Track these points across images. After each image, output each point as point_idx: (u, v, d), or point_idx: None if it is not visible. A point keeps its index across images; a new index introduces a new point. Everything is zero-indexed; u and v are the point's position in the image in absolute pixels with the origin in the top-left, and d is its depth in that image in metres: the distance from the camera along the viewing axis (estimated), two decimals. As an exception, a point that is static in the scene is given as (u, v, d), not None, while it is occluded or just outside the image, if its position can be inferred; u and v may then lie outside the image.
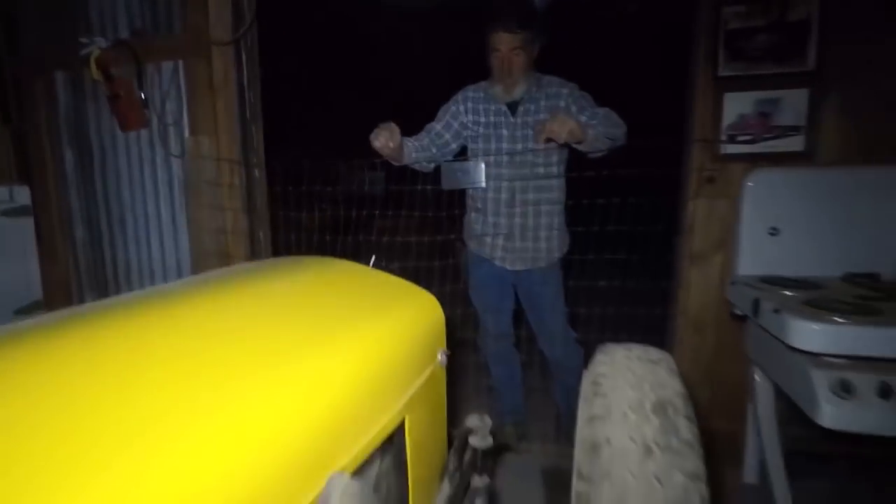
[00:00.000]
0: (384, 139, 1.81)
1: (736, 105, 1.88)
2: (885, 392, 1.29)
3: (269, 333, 0.74)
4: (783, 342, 1.41)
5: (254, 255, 2.44)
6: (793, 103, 1.84)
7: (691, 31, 1.99)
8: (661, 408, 0.86)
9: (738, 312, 1.81)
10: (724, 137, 1.90)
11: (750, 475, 1.99)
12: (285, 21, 2.32)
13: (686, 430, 0.84)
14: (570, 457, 0.90)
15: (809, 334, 1.34)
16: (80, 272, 2.51)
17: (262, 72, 2.38)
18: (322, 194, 2.26)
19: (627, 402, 0.87)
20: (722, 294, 1.96)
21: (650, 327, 2.11)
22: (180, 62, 2.24)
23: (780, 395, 1.72)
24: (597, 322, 2.18)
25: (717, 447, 1.96)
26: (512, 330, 2.28)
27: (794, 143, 1.86)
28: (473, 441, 1.16)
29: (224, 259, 2.32)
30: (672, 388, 0.92)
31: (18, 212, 2.21)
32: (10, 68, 2.49)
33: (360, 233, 2.23)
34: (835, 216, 1.82)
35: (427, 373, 1.03)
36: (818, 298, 1.49)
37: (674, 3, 2.47)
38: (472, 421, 1.18)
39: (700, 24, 1.93)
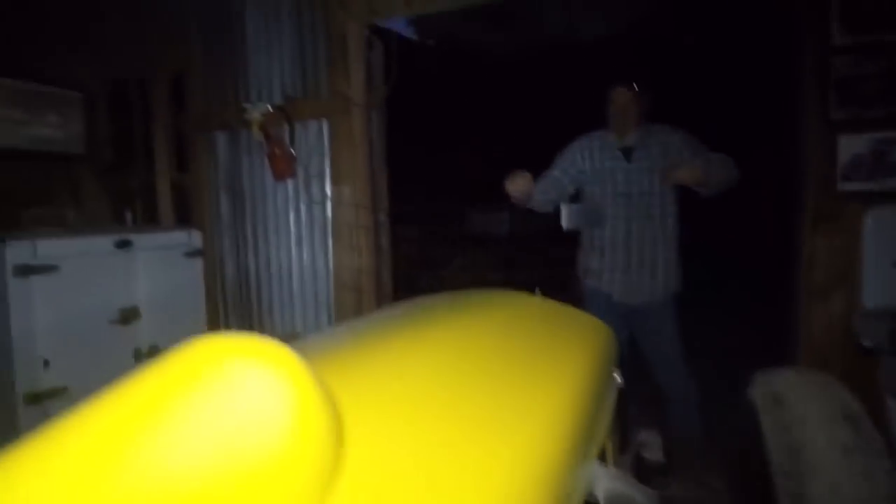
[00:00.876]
0: (519, 185, 2.04)
1: (850, 145, 1.99)
2: None
3: (510, 360, 0.90)
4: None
5: (379, 290, 2.69)
6: (909, 143, 1.93)
7: (796, 76, 2.13)
8: (850, 417, 0.98)
9: (867, 344, 1.86)
10: (840, 177, 2.00)
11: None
12: (413, 79, 2.63)
13: (876, 437, 0.95)
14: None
15: (959, 362, 1.40)
16: (228, 305, 2.84)
17: (392, 125, 2.70)
18: (446, 233, 2.50)
19: (818, 411, 0.99)
20: (845, 327, 2.01)
21: (765, 361, 2.17)
22: (325, 122, 2.58)
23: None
24: (715, 354, 2.26)
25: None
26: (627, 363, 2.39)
27: (913, 181, 1.94)
28: (646, 454, 1.29)
29: (358, 293, 2.58)
30: (851, 402, 1.03)
31: (194, 253, 2.58)
32: (177, 126, 2.93)
33: (485, 269, 2.44)
34: (959, 250, 1.87)
35: (614, 395, 1.18)
36: (961, 328, 1.55)
37: (771, 50, 2.61)
38: (644, 436, 1.31)
39: (807, 70, 2.06)
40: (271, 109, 2.56)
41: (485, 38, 3.44)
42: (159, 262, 2.51)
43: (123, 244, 2.39)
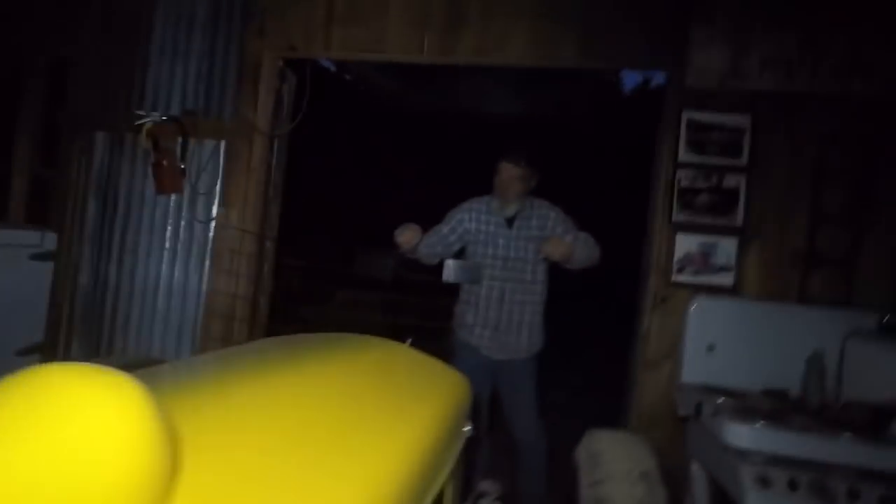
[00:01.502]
0: (408, 236, 2.15)
1: (684, 244, 2.39)
2: (793, 485, 1.65)
3: (359, 405, 0.95)
4: (719, 440, 1.77)
5: (254, 318, 2.62)
6: (726, 248, 2.36)
7: (650, 185, 2.52)
8: (645, 476, 1.17)
9: (683, 413, 2.18)
10: (674, 268, 2.38)
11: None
12: (318, 118, 2.68)
13: (662, 493, 1.14)
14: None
15: (740, 435, 1.71)
16: (76, 318, 2.57)
17: (289, 157, 2.71)
18: (331, 269, 2.52)
19: (620, 470, 1.17)
20: (669, 396, 2.33)
21: (603, 419, 2.43)
22: (222, 143, 2.53)
23: (713, 488, 2.06)
24: (561, 410, 2.48)
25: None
26: (486, 414, 2.53)
27: (726, 279, 2.36)
28: (483, 503, 1.40)
29: (229, 321, 2.49)
30: (650, 462, 1.23)
31: (44, 256, 2.32)
32: (49, 119, 2.68)
33: (366, 310, 2.48)
34: (755, 340, 2.28)
35: (460, 445, 1.28)
36: (746, 406, 1.89)
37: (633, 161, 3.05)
38: (485, 485, 1.42)
39: (658, 180, 2.46)
40: (166, 120, 2.46)
41: (400, 90, 3.62)
42: (-2, 261, 2.23)
43: (-44, 237, 2.10)
